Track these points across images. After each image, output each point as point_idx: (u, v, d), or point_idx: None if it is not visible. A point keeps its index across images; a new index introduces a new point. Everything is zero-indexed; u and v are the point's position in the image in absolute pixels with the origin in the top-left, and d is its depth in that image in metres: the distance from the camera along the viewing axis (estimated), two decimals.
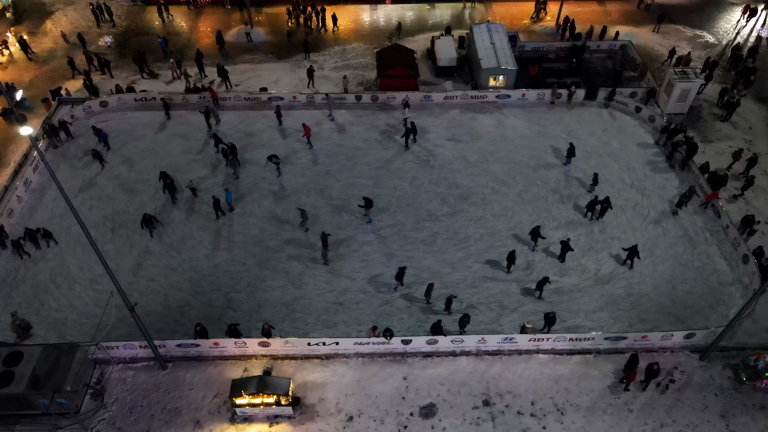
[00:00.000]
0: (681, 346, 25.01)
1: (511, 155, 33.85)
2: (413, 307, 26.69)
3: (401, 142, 34.32)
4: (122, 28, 44.30)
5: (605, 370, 24.40)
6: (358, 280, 27.72)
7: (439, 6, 46.99)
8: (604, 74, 39.57)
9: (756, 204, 30.97)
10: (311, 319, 26.22)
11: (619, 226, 29.78)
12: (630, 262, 27.89)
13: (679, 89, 34.92)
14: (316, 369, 24.39)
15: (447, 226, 30.02)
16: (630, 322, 26.04)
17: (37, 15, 45.06)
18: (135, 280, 27.44)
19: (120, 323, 25.33)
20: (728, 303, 26.62)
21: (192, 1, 45.91)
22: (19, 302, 26.37)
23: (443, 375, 24.20)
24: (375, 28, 44.45)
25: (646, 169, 32.97)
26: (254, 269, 28.06)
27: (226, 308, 26.57)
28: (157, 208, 30.56)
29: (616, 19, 45.42)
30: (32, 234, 28.11)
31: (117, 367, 24.40)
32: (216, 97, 36.01)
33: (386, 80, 37.37)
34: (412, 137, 33.85)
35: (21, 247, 27.94)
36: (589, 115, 36.48)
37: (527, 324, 24.95)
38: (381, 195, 31.49)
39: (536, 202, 31.22)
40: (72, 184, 31.56)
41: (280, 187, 31.90)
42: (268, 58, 41.75)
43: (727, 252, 28.55)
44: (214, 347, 24.47)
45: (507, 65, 36.68)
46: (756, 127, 35.74)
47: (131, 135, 34.52)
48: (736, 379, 24.06)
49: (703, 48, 42.17)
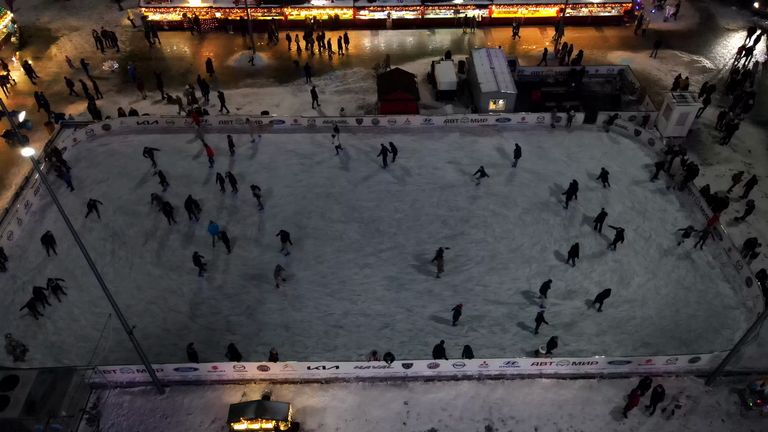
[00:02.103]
0: (686, 371, 24.67)
1: (511, 178, 33.91)
2: (414, 330, 26.42)
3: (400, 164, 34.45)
4: (126, 54, 44.85)
5: (609, 394, 24.03)
6: (358, 302, 27.50)
7: (438, 32, 47.62)
8: (602, 98, 39.91)
9: (758, 227, 30.91)
10: (311, 342, 25.93)
11: (621, 248, 29.63)
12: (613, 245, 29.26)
13: (677, 113, 35.16)
14: (316, 393, 24.03)
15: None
16: (634, 345, 25.74)
17: (42, 40, 45.68)
18: (134, 302, 27.22)
19: (117, 347, 25.04)
20: (732, 327, 26.35)
21: (195, 27, 46.56)
22: (17, 325, 26.12)
23: (445, 400, 23.82)
24: (376, 53, 44.99)
25: (647, 191, 32.98)
26: (254, 292, 27.86)
27: (225, 331, 26.29)
28: (159, 230, 30.49)
29: (614, 45, 46.02)
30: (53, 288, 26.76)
31: (114, 392, 24.04)
32: (198, 123, 36.20)
33: (387, 104, 37.65)
34: (392, 157, 34.21)
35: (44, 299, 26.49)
36: (588, 138, 36.66)
37: (541, 349, 24.61)
38: (382, 217, 31.46)
39: (537, 225, 31.16)
40: (72, 206, 31.54)
41: (281, 209, 31.88)
42: (270, 82, 42.17)
43: (730, 275, 28.36)
44: (213, 371, 24.16)
45: (507, 89, 37.01)
46: (755, 150, 35.88)
47: (132, 158, 34.64)
48: (743, 404, 23.66)
49: (700, 73, 42.60)
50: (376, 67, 42.63)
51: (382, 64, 42.32)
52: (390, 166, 34.38)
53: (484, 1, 46.89)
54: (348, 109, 38.85)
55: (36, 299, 26.17)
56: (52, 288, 26.84)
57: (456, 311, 25.87)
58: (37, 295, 26.24)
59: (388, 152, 34.04)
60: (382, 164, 34.34)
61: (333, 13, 46.81)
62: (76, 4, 50.34)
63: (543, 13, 47.45)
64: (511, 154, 34.52)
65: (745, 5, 49.82)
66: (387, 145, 33.99)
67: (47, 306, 26.72)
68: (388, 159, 34.28)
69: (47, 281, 26.86)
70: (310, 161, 34.89)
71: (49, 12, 49.10)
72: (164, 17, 46.77)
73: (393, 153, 34.19)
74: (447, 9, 47.16)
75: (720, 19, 48.68)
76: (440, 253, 27.82)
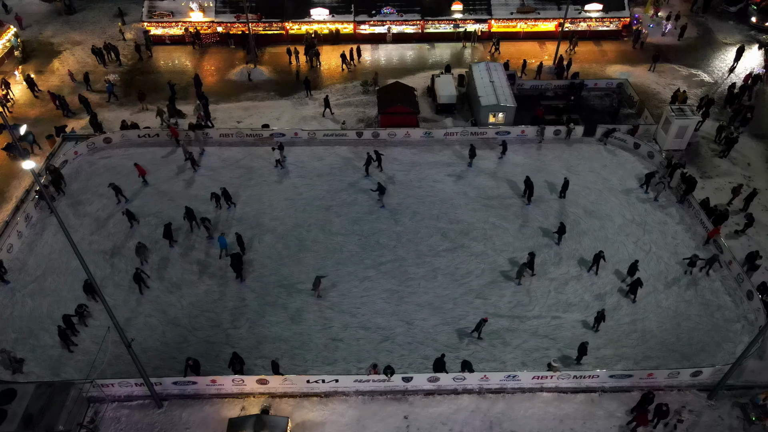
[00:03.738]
0: (688, 385, 24.50)
1: (511, 190, 33.96)
2: (414, 343, 26.30)
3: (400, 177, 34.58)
4: (128, 67, 45.17)
5: (611, 408, 23.85)
6: (358, 315, 27.41)
7: (438, 45, 47.98)
8: (601, 111, 40.10)
9: (758, 239, 30.88)
10: (310, 355, 25.80)
11: (621, 262, 29.56)
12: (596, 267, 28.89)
13: (676, 126, 35.30)
14: (315, 407, 23.85)
15: (448, 262, 29.87)
16: (635, 359, 25.60)
17: (45, 54, 46.05)
18: (133, 315, 27.15)
19: (115, 360, 24.95)
20: (734, 340, 26.22)
21: (197, 41, 46.93)
22: (15, 338, 26.03)
23: (445, 414, 23.65)
24: (376, 66, 45.29)
25: (646, 204, 33.00)
26: (253, 305, 27.78)
27: (224, 344, 26.17)
28: (158, 243, 30.48)
29: (612, 59, 46.32)
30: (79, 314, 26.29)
31: (111, 406, 23.88)
32: (176, 136, 36.32)
33: (387, 117, 37.84)
34: (378, 166, 34.55)
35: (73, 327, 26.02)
36: (588, 151, 36.77)
37: (553, 362, 24.47)
38: (382, 230, 31.46)
39: (537, 237, 31.15)
40: (72, 220, 31.58)
41: (281, 222, 31.90)
42: (270, 95, 42.40)
43: (731, 288, 28.28)
44: (211, 385, 24.00)
45: (506, 102, 37.19)
46: (755, 163, 35.97)
47: (132, 171, 34.70)
48: (746, 418, 23.48)
49: (698, 86, 42.84)
50: (363, 84, 42.75)
51: (370, 81, 42.46)
52: (372, 174, 34.62)
53: (484, 16, 47.29)
54: (348, 122, 39.03)
55: (67, 327, 25.50)
56: (80, 315, 26.30)
57: (479, 324, 25.71)
58: (67, 323, 25.60)
59: (372, 161, 34.33)
60: (364, 173, 34.68)
61: (333, 28, 47.21)
62: (79, 18, 50.95)
63: (542, 27, 47.84)
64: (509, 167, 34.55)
65: (743, 20, 50.24)
66: (372, 153, 34.27)
67: (77, 334, 26.20)
68: (370, 168, 34.62)
69: (76, 308, 26.37)
70: (311, 174, 34.97)
71: (51, 26, 49.60)
72: (166, 32, 47.20)
73: (378, 161, 34.42)
74: (446, 23, 47.58)
75: (718, 33, 49.07)
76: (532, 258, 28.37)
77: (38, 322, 26.79)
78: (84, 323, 26.68)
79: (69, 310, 26.50)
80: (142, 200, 33.11)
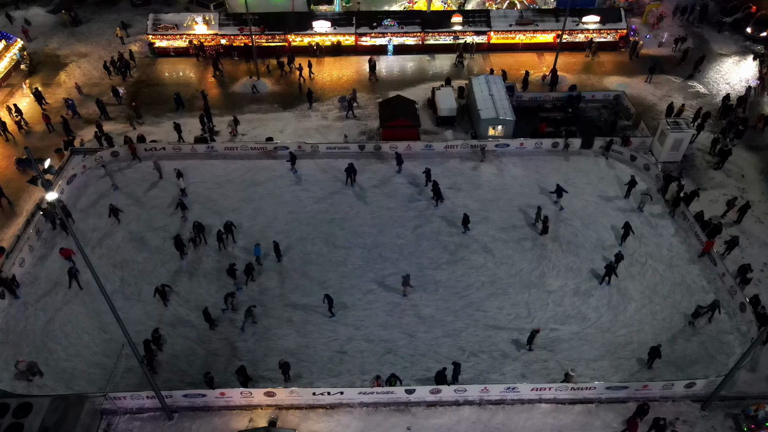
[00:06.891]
0: (682, 396, 25.27)
1: (510, 203, 34.70)
2: (416, 355, 27.04)
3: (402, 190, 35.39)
4: (134, 79, 45.88)
5: (608, 419, 24.60)
6: (362, 328, 28.15)
7: (438, 57, 48.69)
8: (599, 124, 40.83)
9: (751, 252, 31.64)
10: (316, 368, 26.55)
11: (617, 273, 30.28)
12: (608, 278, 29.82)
13: (671, 138, 36.06)
14: (321, 419, 24.60)
15: (449, 274, 30.61)
16: (631, 370, 26.36)
17: (51, 67, 46.71)
18: (143, 329, 27.77)
19: (126, 373, 25.69)
20: (727, 352, 26.97)
21: (201, 53, 47.64)
22: (28, 351, 26.74)
23: (447, 425, 24.40)
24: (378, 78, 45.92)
25: (642, 216, 33.72)
26: (260, 318, 28.50)
27: (231, 357, 26.92)
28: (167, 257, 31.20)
29: (609, 70, 47.07)
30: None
31: (123, 418, 24.62)
32: (134, 152, 36.75)
33: (388, 130, 38.58)
34: (352, 177, 35.56)
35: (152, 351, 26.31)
36: (585, 163, 37.51)
37: (571, 371, 25.09)
38: (384, 243, 32.20)
39: (536, 250, 31.89)
40: (82, 233, 32.28)
41: (286, 235, 32.62)
42: (274, 108, 43.11)
43: (724, 300, 29.00)
44: (220, 397, 24.75)
45: (505, 116, 37.91)
46: (749, 175, 36.71)
47: (140, 184, 35.47)
48: (738, 429, 24.25)
49: (694, 98, 43.55)
50: (341, 100, 42.48)
51: (348, 97, 42.16)
52: (355, 186, 35.65)
53: (483, 28, 48.05)
54: (351, 135, 39.76)
55: (146, 351, 25.83)
56: (155, 339, 26.67)
57: (531, 335, 26.52)
58: (147, 349, 25.95)
59: (352, 173, 35.38)
60: (344, 182, 35.76)
61: (335, 40, 47.95)
62: (84, 30, 51.60)
63: (540, 39, 48.60)
64: (509, 179, 35.29)
65: (738, 30, 50.95)
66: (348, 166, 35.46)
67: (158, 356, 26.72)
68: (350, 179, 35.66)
69: (152, 332, 26.74)
70: (314, 186, 35.72)
71: (57, 38, 50.27)
72: (170, 44, 47.94)
73: (353, 173, 35.45)
74: (447, 35, 48.33)
75: (713, 44, 49.77)
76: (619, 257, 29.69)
77: (51, 335, 27.52)
78: (160, 347, 27.00)
79: (81, 324, 27.21)
80: (150, 214, 33.84)
